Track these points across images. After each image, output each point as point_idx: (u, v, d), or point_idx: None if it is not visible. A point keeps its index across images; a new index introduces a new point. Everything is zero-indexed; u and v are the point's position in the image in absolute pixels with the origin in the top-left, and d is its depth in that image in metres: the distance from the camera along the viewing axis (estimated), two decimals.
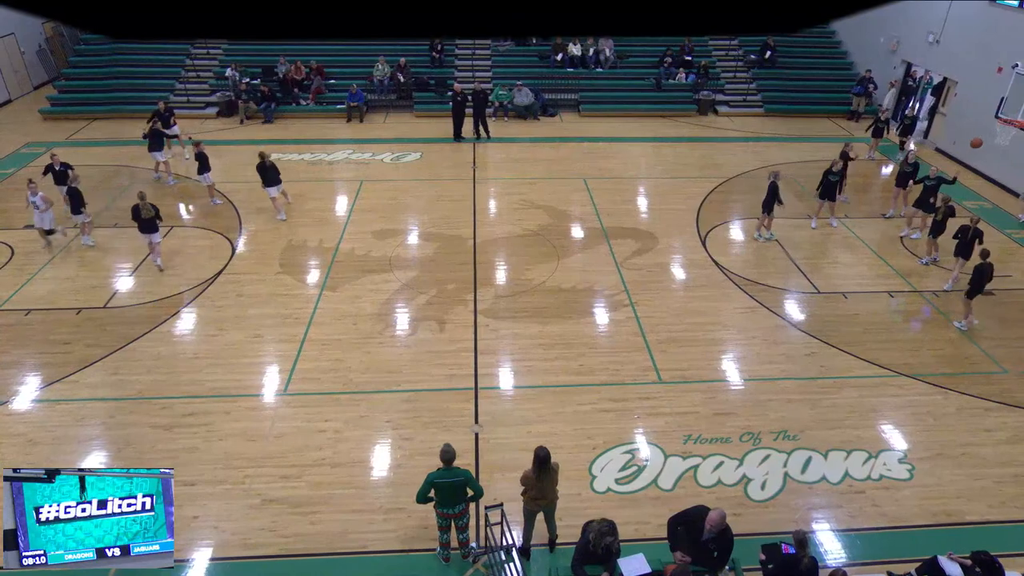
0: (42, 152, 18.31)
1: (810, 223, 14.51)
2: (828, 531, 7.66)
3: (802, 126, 21.20)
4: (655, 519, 7.45)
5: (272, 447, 8.59)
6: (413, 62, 22.77)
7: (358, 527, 7.56)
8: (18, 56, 23.61)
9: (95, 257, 13.00)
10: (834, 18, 0.62)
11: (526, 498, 6.92)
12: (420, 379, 9.83)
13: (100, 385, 9.67)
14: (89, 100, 21.68)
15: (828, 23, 0.64)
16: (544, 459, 6.71)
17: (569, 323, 11.18)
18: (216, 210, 14.95)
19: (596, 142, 19.63)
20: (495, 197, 16.08)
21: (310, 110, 21.63)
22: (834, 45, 24.62)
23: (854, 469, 8.44)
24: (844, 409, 9.42)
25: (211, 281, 12.21)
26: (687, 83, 22.91)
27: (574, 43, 23.55)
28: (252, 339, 10.68)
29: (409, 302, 11.70)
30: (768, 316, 11.50)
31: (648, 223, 14.81)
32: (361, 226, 14.31)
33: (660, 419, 9.18)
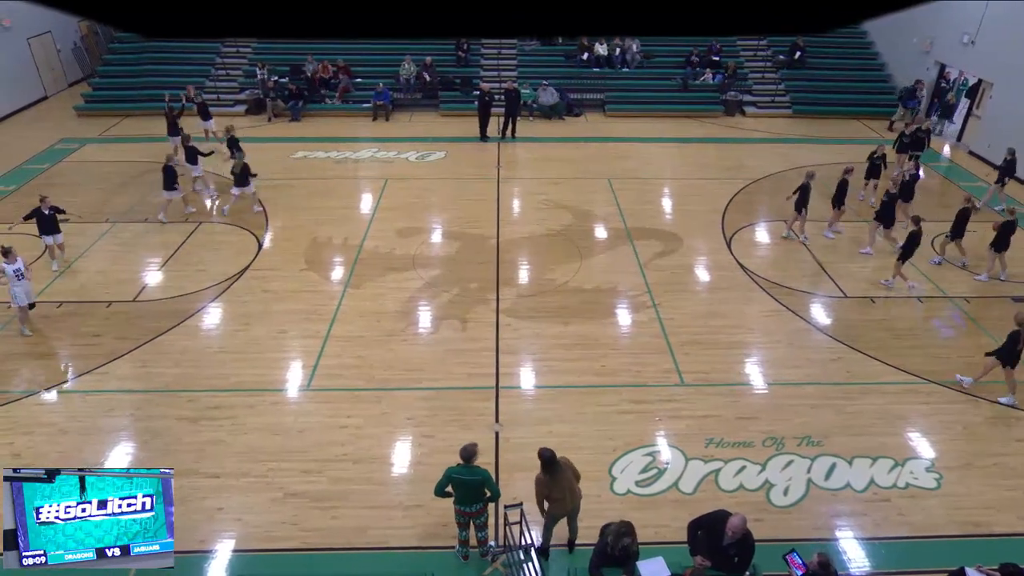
0: (76, 147, 18.74)
1: (825, 232, 14.18)
2: (852, 539, 7.54)
3: (831, 128, 20.90)
4: (675, 522, 7.40)
5: (295, 442, 8.68)
6: (439, 61, 22.85)
7: (378, 523, 7.61)
8: (54, 54, 24.13)
9: (125, 252, 13.24)
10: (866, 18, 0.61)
11: (551, 503, 6.84)
12: (441, 377, 9.86)
13: (128, 377, 9.85)
14: (122, 97, 22.09)
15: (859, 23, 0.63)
16: (550, 460, 6.68)
17: (591, 324, 11.14)
18: (243, 206, 15.13)
19: (621, 142, 19.54)
20: (519, 197, 16.08)
21: (337, 108, 21.81)
22: (865, 46, 24.23)
23: (880, 477, 8.30)
24: (870, 415, 9.27)
25: (237, 277, 12.37)
26: (714, 83, 22.70)
27: (600, 43, 23.46)
28: (277, 335, 10.80)
29: (432, 300, 11.75)
30: (793, 319, 11.35)
31: (672, 224, 14.70)
32: (385, 224, 14.40)
33: (682, 422, 9.11)
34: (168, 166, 14.06)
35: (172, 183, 14.10)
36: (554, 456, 6.72)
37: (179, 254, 13.15)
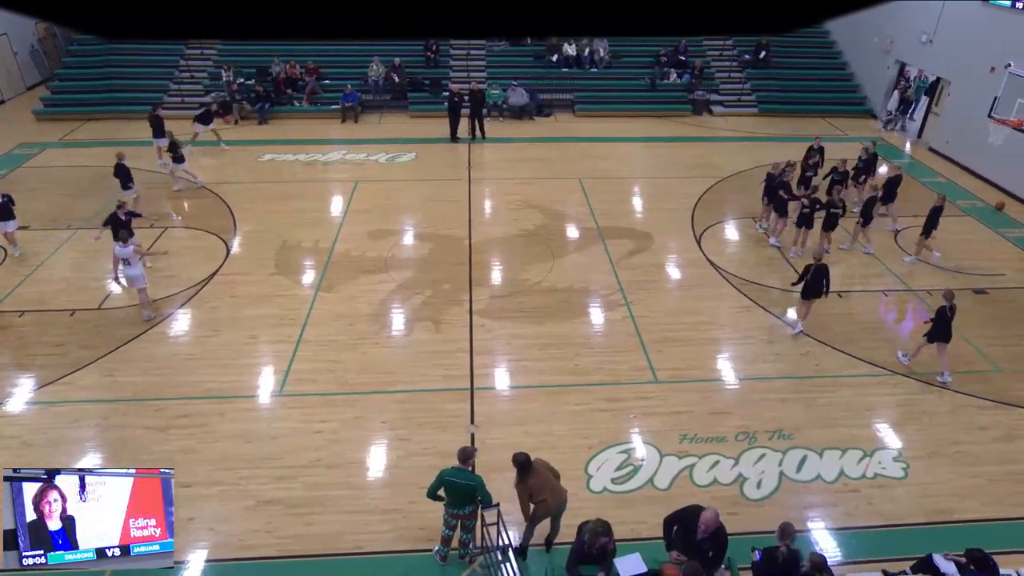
0: (36, 152, 18.26)
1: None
2: (823, 530, 7.68)
3: (796, 126, 21.26)
4: (651, 518, 7.46)
5: (267, 448, 8.56)
6: (408, 62, 22.75)
7: (354, 528, 7.54)
8: (11, 57, 23.51)
9: (89, 259, 12.94)
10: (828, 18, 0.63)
11: (535, 503, 6.83)
12: (416, 380, 9.82)
13: (94, 387, 9.63)
14: (83, 101, 21.60)
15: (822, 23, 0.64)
16: (524, 464, 6.68)
17: (565, 323, 11.19)
18: (210, 210, 14.90)
19: (591, 142, 19.65)
20: (490, 197, 16.08)
21: (305, 110, 21.60)
22: (828, 45, 24.71)
23: (849, 468, 8.47)
24: (839, 408, 9.45)
25: (206, 282, 12.17)
26: (682, 83, 22.95)
27: (569, 43, 23.57)
28: (247, 340, 10.65)
29: (405, 303, 11.69)
30: (763, 315, 11.52)
31: (643, 223, 14.83)
32: (356, 227, 14.29)
33: (656, 419, 9.19)
34: (120, 164, 13.77)
35: (127, 182, 13.85)
36: (528, 459, 6.72)
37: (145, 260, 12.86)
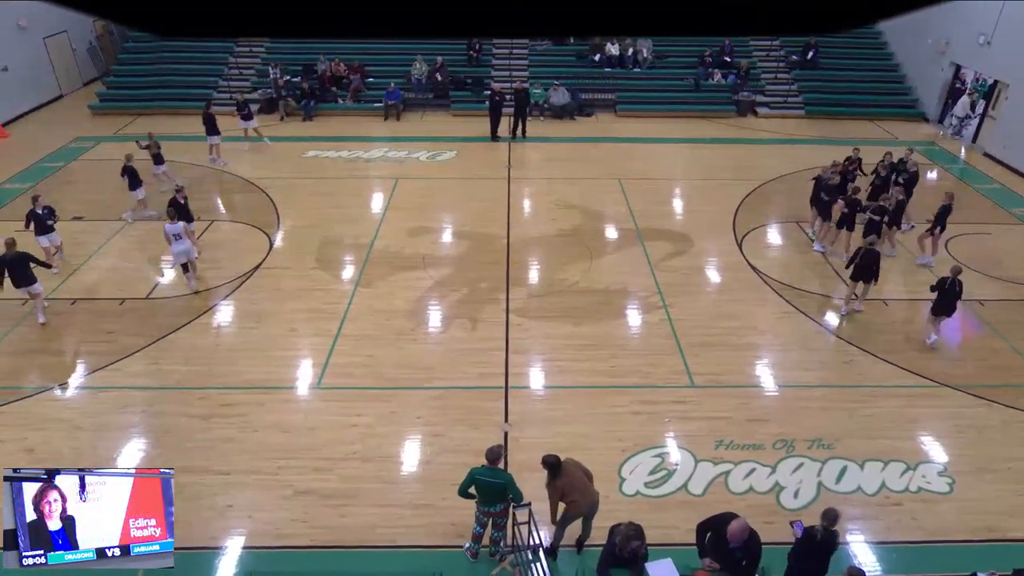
0: (91, 146, 18.90)
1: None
2: (863, 543, 7.49)
3: (844, 128, 20.77)
4: (684, 524, 7.37)
5: (305, 440, 8.71)
6: (450, 61, 22.89)
7: (387, 521, 7.63)
8: (69, 53, 24.35)
9: (138, 249, 13.34)
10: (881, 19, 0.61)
11: (566, 503, 6.83)
12: (451, 377, 9.88)
13: (141, 374, 9.92)
14: (136, 96, 22.28)
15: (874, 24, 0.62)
16: (555, 464, 6.67)
17: (601, 324, 11.12)
18: (255, 205, 15.21)
19: (632, 143, 19.50)
20: (529, 197, 16.08)
21: (348, 108, 21.89)
22: (880, 46, 24.06)
23: (891, 481, 8.24)
24: (882, 419, 9.20)
25: (249, 275, 12.44)
26: (726, 84, 22.61)
27: (612, 43, 23.43)
28: (287, 333, 10.85)
29: (441, 300, 11.77)
30: (805, 322, 11.29)
31: (683, 225, 14.65)
32: (395, 223, 14.43)
33: (692, 423, 9.08)
34: (128, 166, 14.02)
35: (135, 183, 14.12)
36: (558, 460, 6.70)
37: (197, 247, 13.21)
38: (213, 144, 17.13)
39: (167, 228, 11.58)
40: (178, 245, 11.64)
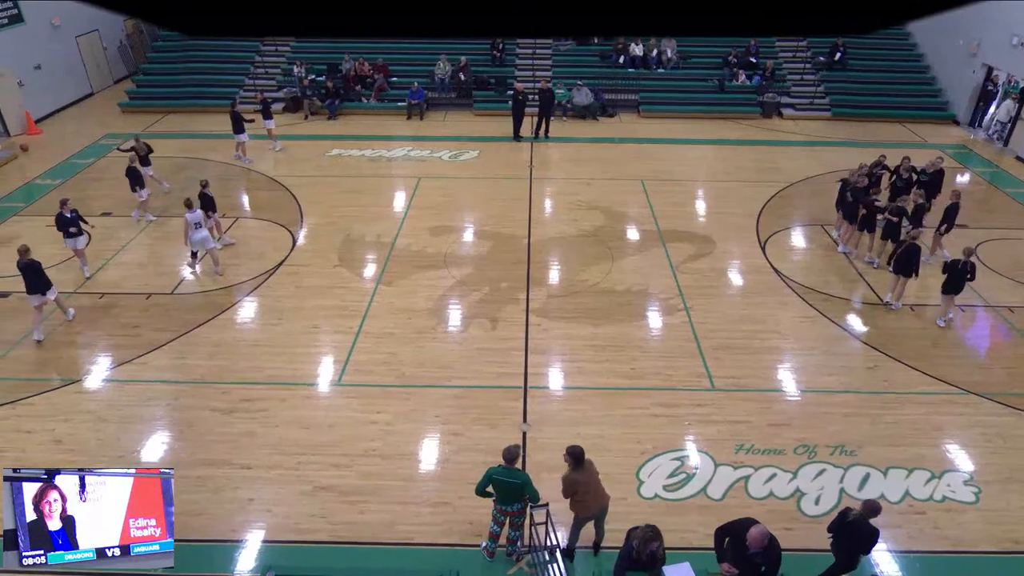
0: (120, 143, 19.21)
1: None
2: (886, 552, 7.38)
3: (871, 130, 20.47)
4: (702, 528, 7.32)
5: (325, 436, 8.79)
6: (474, 61, 22.94)
7: (405, 519, 7.67)
8: (101, 51, 24.79)
9: (164, 246, 13.54)
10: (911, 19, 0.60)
11: (577, 504, 6.85)
12: (471, 376, 9.90)
13: (166, 368, 10.08)
14: (164, 95, 22.63)
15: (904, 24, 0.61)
16: (580, 456, 6.67)
17: (622, 325, 11.08)
18: (279, 203, 15.37)
19: (655, 143, 19.40)
20: (551, 197, 16.07)
21: (372, 107, 22.04)
22: (909, 47, 23.69)
23: (915, 489, 8.11)
24: (907, 426, 9.06)
25: (272, 272, 12.57)
26: (751, 85, 22.40)
27: (636, 43, 23.32)
28: (309, 330, 10.95)
29: (462, 299, 11.80)
30: (828, 326, 11.15)
31: (706, 227, 14.54)
32: (417, 222, 14.50)
33: (712, 427, 9.01)
34: (131, 167, 14.09)
35: (137, 183, 14.13)
36: (583, 454, 6.70)
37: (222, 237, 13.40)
38: (240, 142, 17.32)
39: (188, 216, 12.03)
40: (197, 234, 12.11)
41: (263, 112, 18.21)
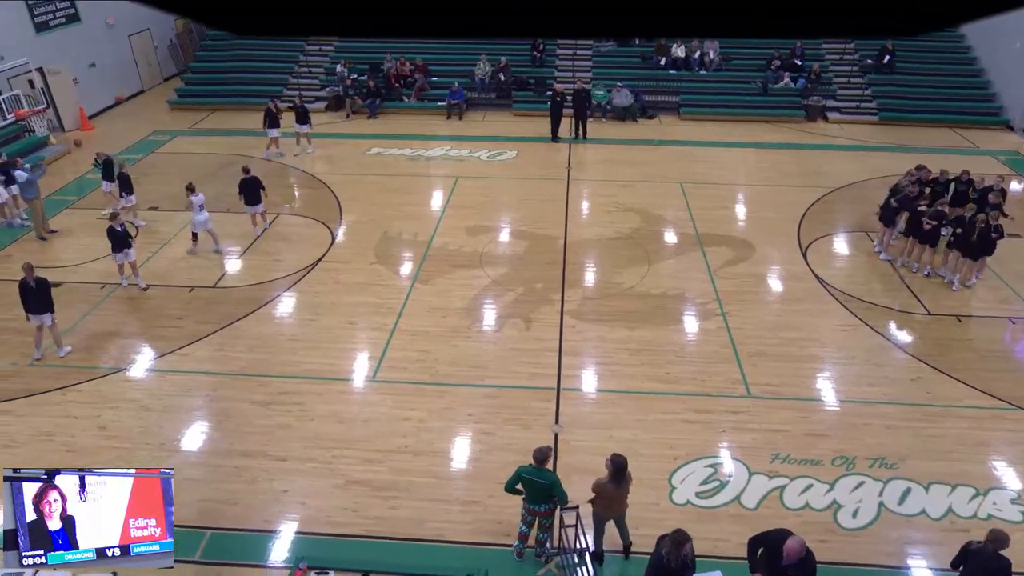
0: (167, 139, 19.75)
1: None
2: (925, 569, 7.17)
3: (920, 136, 19.91)
4: (735, 537, 7.21)
5: (359, 431, 8.89)
6: (514, 61, 22.97)
7: (435, 516, 7.71)
8: (152, 50, 25.50)
9: (207, 240, 13.85)
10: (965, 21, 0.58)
11: (596, 506, 6.85)
12: (504, 376, 9.92)
13: (206, 359, 10.32)
14: (211, 92, 23.17)
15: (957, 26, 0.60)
16: (622, 467, 6.64)
17: (657, 329, 10.98)
18: (319, 200, 15.61)
19: (695, 146, 19.17)
20: (588, 198, 16.00)
21: (412, 107, 22.23)
22: (962, 50, 22.98)
23: (959, 506, 7.86)
24: (951, 440, 8.79)
25: (311, 268, 12.77)
26: (795, 88, 21.98)
27: (678, 44, 23.09)
28: (346, 326, 11.10)
29: (497, 299, 11.82)
30: (871, 335, 10.87)
31: (745, 231, 14.32)
32: (454, 221, 14.58)
33: (747, 435, 8.86)
34: (122, 173, 14.07)
35: (128, 190, 14.10)
36: (625, 466, 6.66)
37: (257, 244, 13.68)
38: (273, 138, 17.64)
39: (192, 198, 12.84)
40: (200, 215, 12.92)
41: (298, 116, 17.99)
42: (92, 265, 12.90)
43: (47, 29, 20.39)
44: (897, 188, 13.12)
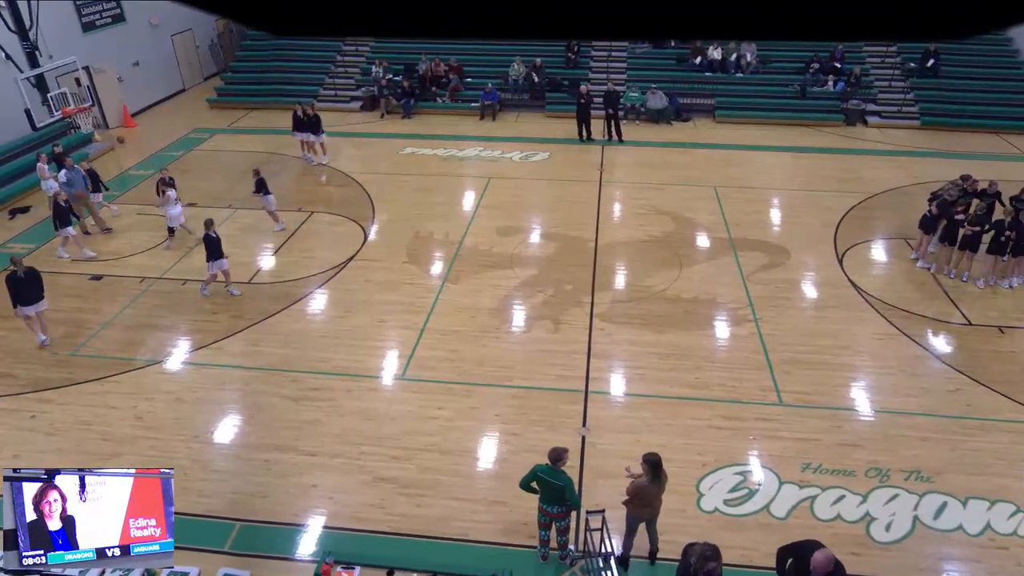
0: (207, 137, 20.16)
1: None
2: None
3: (964, 142, 19.38)
4: (763, 546, 7.10)
5: (387, 428, 8.97)
6: (548, 63, 22.95)
7: (461, 515, 7.74)
8: (193, 50, 26.05)
9: (244, 236, 14.11)
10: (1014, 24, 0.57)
11: (632, 507, 6.81)
12: (532, 377, 9.91)
13: (240, 354, 10.50)
14: (249, 91, 23.59)
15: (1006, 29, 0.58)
16: (657, 465, 6.60)
17: (687, 334, 10.87)
18: (352, 199, 15.78)
19: (730, 149, 18.94)
20: (620, 200, 15.91)
21: (446, 107, 22.34)
22: (1010, 53, 22.33)
23: (997, 522, 7.63)
24: (990, 454, 8.54)
25: (343, 266, 12.92)
26: (835, 91, 21.58)
27: (714, 46, 22.84)
28: (376, 324, 11.20)
29: (526, 300, 11.82)
30: (908, 345, 10.62)
31: (780, 236, 14.10)
32: (486, 222, 14.62)
33: (777, 443, 8.72)
34: (91, 170, 14.49)
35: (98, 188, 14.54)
36: (660, 463, 6.62)
37: (291, 241, 13.89)
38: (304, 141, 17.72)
39: (169, 193, 13.49)
40: (173, 209, 13.48)
41: (296, 124, 17.54)
42: (132, 259, 13.24)
43: (93, 29, 20.97)
44: (936, 195, 12.80)
